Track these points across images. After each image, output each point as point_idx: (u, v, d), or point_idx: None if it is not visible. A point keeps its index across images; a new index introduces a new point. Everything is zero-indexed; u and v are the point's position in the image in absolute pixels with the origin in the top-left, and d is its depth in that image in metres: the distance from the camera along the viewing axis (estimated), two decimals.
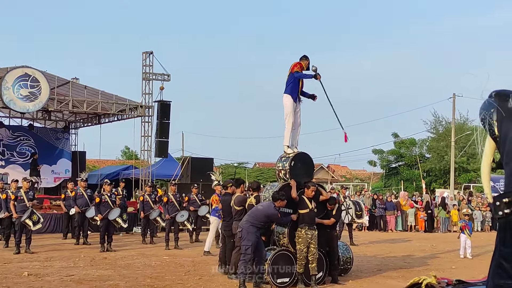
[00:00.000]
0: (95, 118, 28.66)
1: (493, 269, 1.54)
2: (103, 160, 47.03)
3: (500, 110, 1.54)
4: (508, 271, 1.48)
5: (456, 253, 16.62)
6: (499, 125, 1.54)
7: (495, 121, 1.55)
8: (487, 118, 1.59)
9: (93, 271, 12.45)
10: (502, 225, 1.52)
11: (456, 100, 37.66)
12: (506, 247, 1.51)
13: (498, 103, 1.55)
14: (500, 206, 1.51)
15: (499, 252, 1.53)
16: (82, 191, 18.41)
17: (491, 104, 1.58)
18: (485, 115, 1.60)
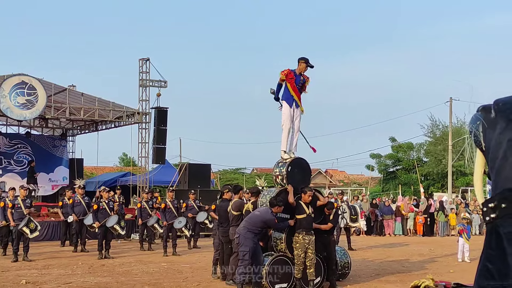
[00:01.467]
0: (92, 125, 28.68)
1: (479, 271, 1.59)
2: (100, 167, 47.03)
3: (484, 122, 1.59)
4: (492, 272, 1.52)
5: (455, 257, 16.63)
6: (484, 135, 1.59)
7: (481, 131, 1.60)
8: (474, 130, 1.65)
9: (91, 279, 12.44)
10: (489, 229, 1.57)
11: (453, 104, 37.75)
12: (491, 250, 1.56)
13: (483, 115, 1.61)
14: (487, 212, 1.55)
15: (485, 255, 1.58)
16: (79, 199, 18.39)
17: (478, 118, 1.64)
18: (472, 128, 1.66)
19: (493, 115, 1.57)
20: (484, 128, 1.58)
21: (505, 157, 1.48)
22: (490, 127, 1.56)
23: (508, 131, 1.49)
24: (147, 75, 25.61)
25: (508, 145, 1.48)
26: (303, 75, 11.73)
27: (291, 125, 11.68)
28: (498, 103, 1.56)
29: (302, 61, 11.68)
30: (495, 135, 1.53)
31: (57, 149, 28.47)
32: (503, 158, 1.49)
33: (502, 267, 1.47)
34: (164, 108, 25.80)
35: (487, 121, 1.58)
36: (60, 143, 28.84)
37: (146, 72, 25.60)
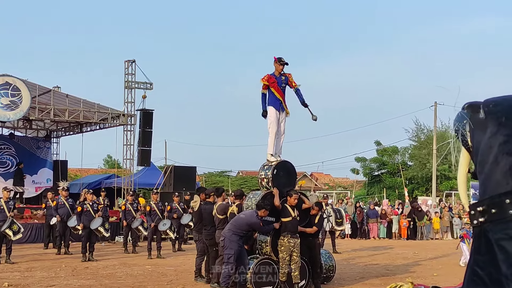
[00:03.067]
0: (77, 126, 28.49)
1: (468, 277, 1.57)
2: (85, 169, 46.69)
3: (470, 122, 1.58)
4: (482, 278, 1.51)
5: (439, 260, 16.73)
6: (471, 135, 1.58)
7: (468, 131, 1.59)
8: (460, 129, 1.63)
9: (74, 281, 12.35)
10: (477, 234, 1.55)
11: (437, 108, 38.02)
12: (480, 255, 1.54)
13: (470, 114, 1.59)
14: (475, 215, 1.54)
15: (473, 260, 1.56)
16: (63, 201, 18.27)
17: (463, 116, 1.62)
18: (458, 127, 1.64)
19: (482, 116, 1.55)
20: (471, 128, 1.56)
21: (496, 161, 1.47)
22: (478, 128, 1.54)
23: (499, 135, 1.47)
24: (132, 77, 25.51)
25: (499, 150, 1.46)
26: (284, 74, 11.79)
27: (277, 128, 11.70)
28: (489, 104, 1.54)
29: (275, 62, 11.79)
30: (485, 139, 1.51)
31: (41, 151, 28.24)
32: (494, 162, 1.47)
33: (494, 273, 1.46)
34: (150, 110, 25.69)
35: (475, 121, 1.56)
36: (44, 144, 28.61)
37: (132, 74, 25.49)
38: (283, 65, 11.77)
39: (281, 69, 11.77)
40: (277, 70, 11.75)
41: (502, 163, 1.45)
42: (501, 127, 1.47)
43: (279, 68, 11.76)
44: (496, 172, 1.47)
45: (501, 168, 1.45)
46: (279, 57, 11.82)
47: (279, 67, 11.76)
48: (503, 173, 1.45)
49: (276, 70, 11.76)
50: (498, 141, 1.46)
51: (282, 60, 11.75)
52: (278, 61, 11.74)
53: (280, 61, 11.74)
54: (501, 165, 1.45)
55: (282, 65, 11.76)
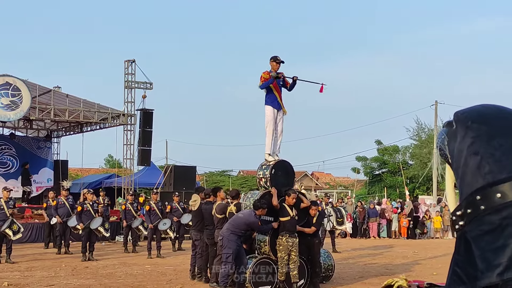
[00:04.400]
0: (77, 126, 28.54)
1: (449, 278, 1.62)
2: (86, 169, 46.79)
3: (447, 136, 1.63)
4: (461, 276, 1.55)
5: (438, 259, 16.73)
6: (448, 147, 1.63)
7: (446, 145, 1.64)
8: (439, 145, 1.69)
9: (74, 281, 12.38)
10: (458, 236, 1.61)
11: (438, 107, 38.04)
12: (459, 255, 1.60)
13: (447, 129, 1.64)
14: (456, 220, 1.59)
15: (454, 260, 1.62)
16: (63, 200, 18.31)
17: (442, 132, 1.69)
18: (438, 143, 1.70)
19: (454, 126, 1.60)
20: (447, 141, 1.62)
21: (466, 163, 1.51)
22: (452, 139, 1.59)
23: (467, 138, 1.52)
24: (132, 76, 25.54)
25: (467, 152, 1.50)
26: (279, 73, 11.82)
27: (275, 127, 11.71)
28: (458, 114, 1.60)
29: (272, 61, 11.79)
30: (457, 145, 1.56)
31: (42, 151, 28.30)
32: (464, 165, 1.51)
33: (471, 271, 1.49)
34: (150, 110, 25.73)
35: (449, 133, 1.62)
36: (44, 144, 28.67)
37: (132, 73, 25.52)
38: (279, 64, 11.79)
39: (277, 68, 11.80)
40: (274, 69, 11.78)
41: (471, 164, 1.49)
42: (468, 130, 1.52)
43: (275, 67, 11.78)
44: (467, 174, 1.51)
45: (470, 169, 1.49)
46: (274, 55, 11.85)
47: (275, 65, 11.77)
48: (472, 173, 1.49)
49: (273, 68, 11.78)
50: (466, 144, 1.51)
51: (278, 58, 11.78)
52: (274, 60, 11.78)
53: (276, 59, 11.77)
54: (470, 165, 1.50)
55: (278, 64, 11.78)
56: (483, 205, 1.45)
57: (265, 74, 11.66)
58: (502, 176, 1.41)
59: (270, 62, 11.82)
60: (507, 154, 1.43)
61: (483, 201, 1.45)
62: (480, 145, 1.47)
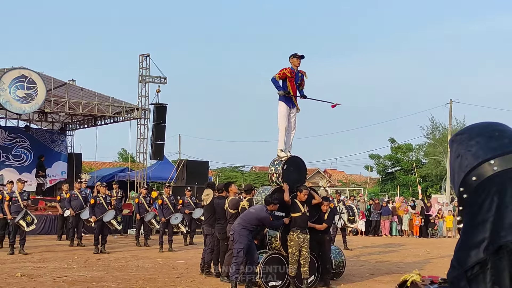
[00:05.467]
0: (91, 120, 28.70)
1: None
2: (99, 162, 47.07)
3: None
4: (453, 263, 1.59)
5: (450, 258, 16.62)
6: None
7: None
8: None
9: (86, 273, 12.48)
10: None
11: (453, 105, 37.83)
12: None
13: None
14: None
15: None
16: (77, 193, 18.45)
17: None
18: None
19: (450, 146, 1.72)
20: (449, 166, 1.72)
21: (453, 169, 1.60)
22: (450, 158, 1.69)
23: (453, 148, 1.62)
24: (147, 71, 25.64)
25: (452, 158, 1.61)
26: (300, 71, 11.77)
27: (287, 123, 11.70)
28: (451, 138, 1.69)
29: (292, 58, 11.72)
30: (449, 165, 1.66)
31: (56, 144, 28.47)
32: (452, 171, 1.61)
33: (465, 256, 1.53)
34: (163, 104, 25.82)
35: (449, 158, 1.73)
36: (59, 137, 28.84)
37: (146, 68, 25.62)
38: (299, 59, 11.71)
39: (299, 64, 11.71)
40: (295, 65, 11.69)
41: (456, 166, 1.59)
42: (453, 143, 1.62)
43: (296, 63, 11.69)
44: (455, 177, 1.60)
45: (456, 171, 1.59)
46: (293, 53, 11.75)
47: (296, 61, 11.67)
48: (458, 174, 1.58)
49: (294, 65, 11.69)
50: (452, 153, 1.62)
51: (297, 54, 11.68)
52: (294, 56, 11.70)
53: (295, 56, 11.69)
54: (455, 168, 1.59)
55: (298, 59, 11.70)
56: (465, 193, 1.53)
57: (286, 69, 11.57)
58: (476, 163, 1.50)
59: (290, 59, 11.73)
60: (483, 148, 1.52)
61: (465, 189, 1.53)
62: (460, 147, 1.58)
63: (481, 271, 1.44)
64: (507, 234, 1.41)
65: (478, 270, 1.45)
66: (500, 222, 1.43)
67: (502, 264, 1.41)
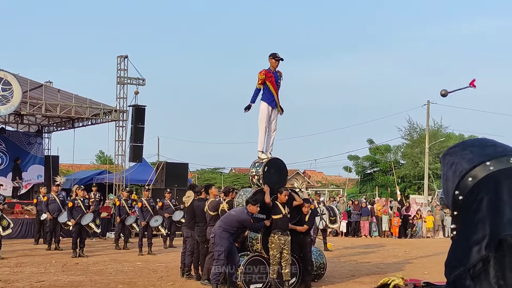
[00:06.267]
0: (68, 122, 28.38)
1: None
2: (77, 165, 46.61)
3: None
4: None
5: (430, 258, 16.74)
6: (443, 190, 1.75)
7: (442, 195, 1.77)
8: (440, 195, 1.90)
9: (64, 277, 12.29)
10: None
11: (430, 107, 38.10)
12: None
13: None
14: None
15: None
16: (54, 196, 18.19)
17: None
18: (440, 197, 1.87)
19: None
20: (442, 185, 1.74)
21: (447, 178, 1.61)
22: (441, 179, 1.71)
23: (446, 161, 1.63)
24: (125, 72, 25.41)
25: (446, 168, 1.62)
26: (278, 71, 11.76)
27: (268, 124, 11.63)
28: (444, 153, 1.71)
29: (271, 58, 11.67)
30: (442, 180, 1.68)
31: (32, 146, 28.03)
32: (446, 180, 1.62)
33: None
34: (142, 106, 25.62)
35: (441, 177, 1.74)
36: (35, 140, 28.42)
37: (124, 69, 25.40)
38: (278, 61, 11.69)
39: (277, 65, 11.70)
40: (273, 66, 11.68)
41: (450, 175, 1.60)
42: (446, 156, 1.65)
43: (274, 64, 11.68)
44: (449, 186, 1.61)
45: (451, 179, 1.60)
46: (273, 53, 11.74)
47: (274, 62, 11.67)
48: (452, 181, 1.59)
49: (272, 66, 11.68)
50: (446, 165, 1.63)
51: (277, 55, 11.66)
52: (273, 57, 11.67)
53: (275, 56, 11.66)
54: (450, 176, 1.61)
55: (277, 61, 11.68)
56: (461, 195, 1.54)
57: (260, 74, 11.53)
58: (471, 166, 1.53)
59: (269, 59, 11.70)
60: (476, 154, 1.55)
61: (460, 192, 1.54)
62: (454, 158, 1.60)
63: (484, 268, 1.43)
64: (506, 228, 1.41)
65: (480, 267, 1.44)
66: (499, 218, 1.44)
67: (505, 260, 1.40)
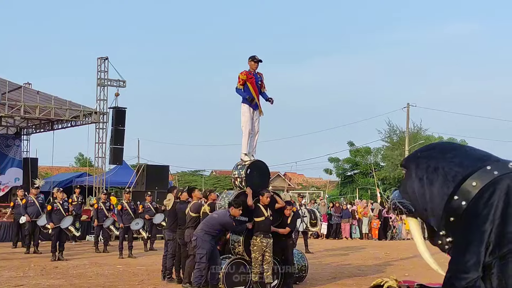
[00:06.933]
0: (48, 124, 28.12)
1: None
2: (56, 167, 46.11)
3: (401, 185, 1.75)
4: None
5: (410, 260, 16.83)
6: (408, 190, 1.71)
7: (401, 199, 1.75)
8: (394, 202, 1.81)
9: (43, 281, 12.15)
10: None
11: (410, 109, 38.40)
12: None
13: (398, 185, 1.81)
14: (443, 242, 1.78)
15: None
16: (33, 199, 17.98)
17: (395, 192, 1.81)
18: (394, 203, 1.81)
19: (405, 170, 1.71)
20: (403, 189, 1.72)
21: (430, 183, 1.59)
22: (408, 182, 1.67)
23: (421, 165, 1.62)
24: (105, 74, 25.26)
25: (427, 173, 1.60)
26: (258, 73, 11.78)
27: (251, 127, 11.63)
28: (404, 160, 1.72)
29: (250, 60, 11.73)
30: (413, 180, 1.65)
31: (10, 149, 27.72)
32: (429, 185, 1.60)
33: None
34: (122, 108, 25.47)
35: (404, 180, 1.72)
36: (13, 142, 28.12)
37: (105, 71, 25.25)
38: (257, 63, 11.74)
39: (256, 67, 11.74)
40: (252, 68, 11.72)
41: (435, 179, 1.59)
42: (420, 159, 1.63)
43: (253, 66, 11.73)
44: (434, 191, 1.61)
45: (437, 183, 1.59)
46: (252, 55, 11.79)
47: (253, 65, 11.72)
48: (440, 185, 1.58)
49: (251, 68, 11.72)
50: (423, 169, 1.62)
51: (256, 57, 11.72)
52: (252, 59, 11.71)
53: (254, 59, 11.71)
54: (435, 181, 1.59)
55: (256, 63, 11.73)
56: (464, 200, 1.52)
57: (242, 75, 11.56)
58: (469, 171, 1.51)
59: (248, 61, 11.75)
60: (464, 157, 1.54)
61: (463, 197, 1.52)
62: (436, 161, 1.57)
63: (486, 274, 1.43)
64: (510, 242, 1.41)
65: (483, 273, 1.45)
66: (506, 228, 1.42)
67: (508, 268, 1.40)
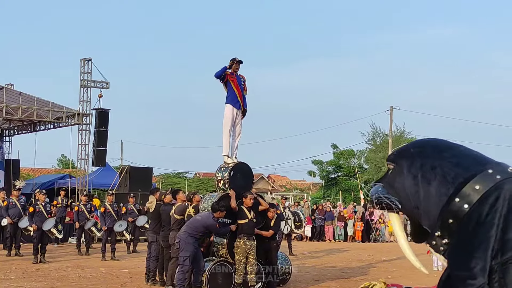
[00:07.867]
0: (30, 125, 27.87)
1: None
2: (38, 169, 45.71)
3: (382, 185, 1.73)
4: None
5: (393, 262, 16.93)
6: (395, 186, 1.68)
7: (386, 193, 1.72)
8: (378, 196, 1.77)
9: (25, 284, 12.05)
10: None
11: (393, 112, 38.65)
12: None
13: (382, 181, 1.75)
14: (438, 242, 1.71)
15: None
16: (15, 201, 17.81)
17: (376, 188, 1.77)
18: (376, 196, 1.80)
19: (394, 166, 1.67)
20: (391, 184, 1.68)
21: (427, 181, 1.57)
22: (397, 178, 1.64)
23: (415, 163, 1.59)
24: (88, 75, 25.09)
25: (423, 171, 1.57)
26: (240, 75, 11.83)
27: (232, 128, 11.65)
28: (392, 154, 1.70)
29: (231, 63, 11.79)
30: (405, 177, 1.62)
31: None
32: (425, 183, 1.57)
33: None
34: (106, 109, 25.31)
35: (392, 175, 1.67)
36: None
37: (88, 72, 25.08)
38: (238, 64, 11.80)
39: (237, 68, 11.80)
40: (234, 70, 11.78)
41: (433, 178, 1.56)
42: (414, 156, 1.59)
43: (235, 68, 11.78)
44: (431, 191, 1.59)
45: (435, 183, 1.57)
46: (233, 58, 11.85)
47: (235, 66, 11.77)
48: (438, 185, 1.56)
49: (233, 70, 11.77)
50: (417, 167, 1.58)
51: (236, 58, 11.79)
52: (233, 61, 11.76)
53: (233, 60, 11.77)
54: (432, 180, 1.56)
55: (238, 64, 11.79)
56: (466, 203, 1.48)
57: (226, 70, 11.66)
58: (470, 173, 1.48)
59: (230, 63, 11.80)
60: (461, 157, 1.51)
61: (465, 200, 1.48)
62: (433, 160, 1.54)
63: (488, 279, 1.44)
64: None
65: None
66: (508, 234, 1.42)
67: (509, 274, 1.41)
